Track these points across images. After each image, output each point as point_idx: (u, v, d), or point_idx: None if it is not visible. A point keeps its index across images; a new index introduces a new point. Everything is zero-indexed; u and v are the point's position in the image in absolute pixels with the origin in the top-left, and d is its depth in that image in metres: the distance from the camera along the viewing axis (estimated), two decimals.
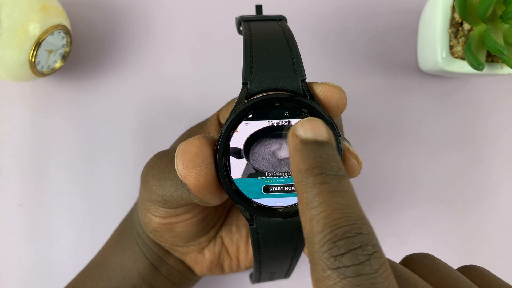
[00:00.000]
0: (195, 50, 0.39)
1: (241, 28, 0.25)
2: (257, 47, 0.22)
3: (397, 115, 0.39)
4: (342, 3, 0.39)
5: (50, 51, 0.34)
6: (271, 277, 0.28)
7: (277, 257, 0.24)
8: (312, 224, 0.16)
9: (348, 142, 0.23)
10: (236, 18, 0.26)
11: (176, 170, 0.21)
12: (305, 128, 0.18)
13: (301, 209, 0.17)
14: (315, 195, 0.16)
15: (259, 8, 0.27)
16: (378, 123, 0.39)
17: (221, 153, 0.21)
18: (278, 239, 0.22)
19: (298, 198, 0.17)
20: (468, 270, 0.20)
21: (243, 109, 0.21)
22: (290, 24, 0.39)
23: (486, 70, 0.33)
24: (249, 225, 0.22)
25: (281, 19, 0.26)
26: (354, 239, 0.15)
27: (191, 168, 0.21)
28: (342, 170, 0.17)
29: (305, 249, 0.16)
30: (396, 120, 0.39)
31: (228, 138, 0.21)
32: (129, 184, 0.37)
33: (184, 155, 0.21)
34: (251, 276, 0.31)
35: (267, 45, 0.22)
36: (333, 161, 0.17)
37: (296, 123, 0.18)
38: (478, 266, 0.20)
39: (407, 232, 0.38)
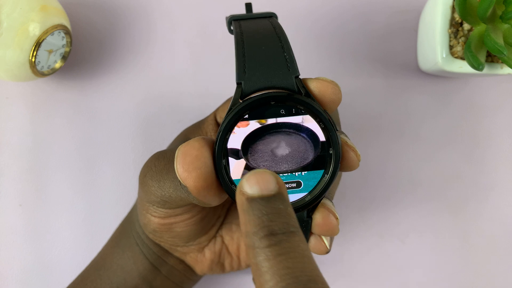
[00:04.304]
0: (195, 50, 0.39)
1: (232, 28, 0.25)
2: (249, 46, 0.22)
3: (397, 114, 0.39)
4: (342, 2, 0.39)
5: (50, 51, 0.34)
6: None
7: None
8: None
9: (346, 136, 0.23)
10: (226, 18, 0.26)
11: (176, 172, 0.21)
12: (251, 183, 0.17)
13: (253, 276, 0.16)
14: (263, 260, 0.15)
15: (248, 6, 0.27)
16: (378, 123, 0.39)
17: (220, 155, 0.21)
18: None
19: (251, 264, 0.16)
20: None
21: (239, 110, 0.21)
22: (290, 23, 0.39)
23: (486, 70, 0.33)
24: None
25: (271, 16, 0.25)
26: None
27: (191, 171, 0.21)
28: (292, 225, 0.16)
29: None
30: (396, 119, 0.39)
31: (226, 140, 0.21)
32: (129, 184, 0.37)
33: (184, 158, 0.21)
34: None
35: (259, 43, 0.22)
36: (281, 217, 0.16)
37: (243, 177, 0.17)
38: None
39: (407, 231, 0.38)
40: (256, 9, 0.28)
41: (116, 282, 0.29)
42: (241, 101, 0.21)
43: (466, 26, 0.34)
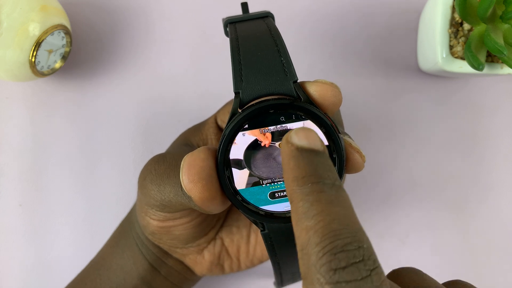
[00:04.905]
0: (195, 50, 0.39)
1: (228, 31, 0.25)
2: (245, 53, 0.22)
3: (397, 115, 0.39)
4: (342, 3, 0.39)
5: (50, 51, 0.34)
6: (293, 278, 0.28)
7: (294, 257, 0.24)
8: (309, 234, 0.15)
9: (350, 137, 0.23)
10: (222, 20, 0.26)
11: (182, 183, 0.21)
12: (300, 136, 0.17)
13: (295, 218, 0.16)
14: (312, 203, 0.15)
15: (244, 5, 0.27)
16: (378, 123, 0.39)
17: (222, 166, 0.21)
18: (292, 240, 0.22)
19: (292, 207, 0.16)
20: (455, 285, 0.19)
21: (238, 121, 0.21)
22: (290, 23, 0.39)
23: (486, 70, 0.33)
24: (261, 231, 0.22)
25: (267, 16, 0.25)
26: (355, 252, 0.14)
27: (196, 182, 0.21)
28: (339, 181, 0.17)
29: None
30: (396, 120, 0.39)
31: (227, 151, 0.21)
32: (129, 184, 0.37)
33: (190, 169, 0.21)
34: (274, 283, 0.31)
35: (255, 49, 0.22)
36: (330, 171, 0.17)
37: (290, 131, 0.18)
38: (465, 282, 0.19)
39: (407, 232, 0.38)
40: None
41: (115, 282, 0.29)
42: (240, 110, 0.21)
43: (466, 26, 0.34)
